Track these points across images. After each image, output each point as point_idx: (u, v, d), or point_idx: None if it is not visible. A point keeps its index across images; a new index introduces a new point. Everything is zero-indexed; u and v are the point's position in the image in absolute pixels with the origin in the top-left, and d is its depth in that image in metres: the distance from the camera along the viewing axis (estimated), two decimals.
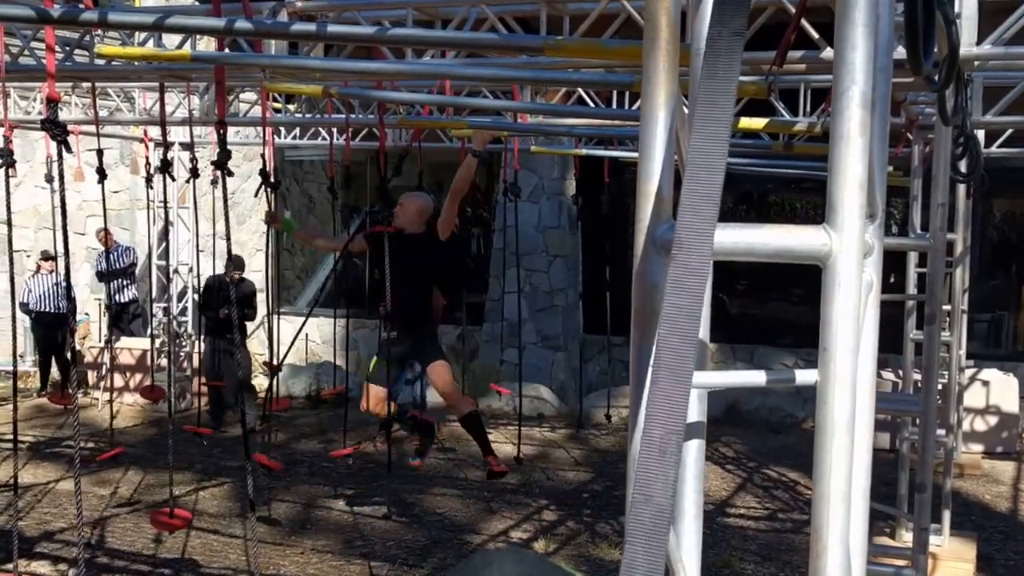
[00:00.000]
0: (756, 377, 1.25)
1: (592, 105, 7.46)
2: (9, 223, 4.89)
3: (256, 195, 6.00)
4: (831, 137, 1.17)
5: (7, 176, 4.30)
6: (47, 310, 10.92)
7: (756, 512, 7.35)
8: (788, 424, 10.34)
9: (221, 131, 3.39)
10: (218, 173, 3.79)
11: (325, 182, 13.77)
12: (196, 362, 10.56)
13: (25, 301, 10.94)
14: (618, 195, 11.28)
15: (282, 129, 9.80)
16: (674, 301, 1.02)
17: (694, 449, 1.34)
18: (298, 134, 10.07)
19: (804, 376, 1.25)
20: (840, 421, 1.16)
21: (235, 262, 9.78)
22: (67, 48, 4.46)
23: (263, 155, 6.31)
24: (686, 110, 1.36)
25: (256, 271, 12.00)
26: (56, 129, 3.23)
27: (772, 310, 11.59)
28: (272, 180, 7.43)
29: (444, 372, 6.09)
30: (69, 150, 3.38)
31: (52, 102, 3.19)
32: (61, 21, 2.67)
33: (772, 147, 5.34)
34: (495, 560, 0.63)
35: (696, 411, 1.36)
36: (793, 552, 6.37)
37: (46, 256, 10.76)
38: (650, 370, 1.18)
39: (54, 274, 10.81)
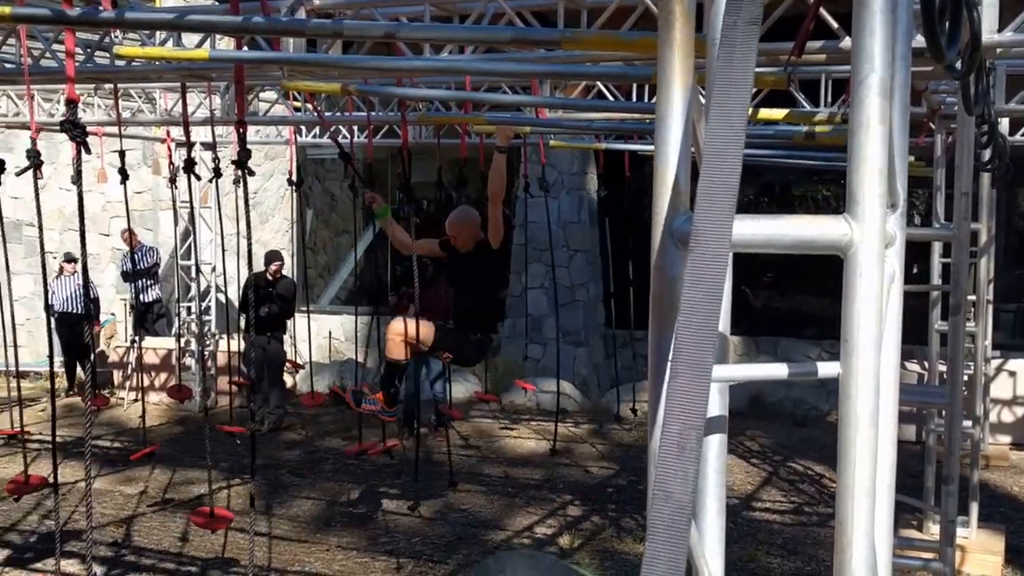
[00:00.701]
0: (777, 370, 1.23)
1: (612, 99, 7.43)
2: (40, 226, 4.94)
3: (283, 196, 6.02)
4: (850, 126, 1.16)
5: (36, 178, 4.34)
6: (71, 311, 11.05)
7: (782, 506, 7.30)
8: (813, 417, 10.27)
9: (241, 130, 3.40)
10: (239, 173, 3.80)
11: (347, 180, 13.83)
12: (221, 361, 10.62)
13: (50, 303, 11.06)
14: (639, 189, 11.24)
15: (303, 128, 9.84)
16: (692, 294, 1.01)
17: (716, 444, 1.33)
18: (318, 132, 10.10)
19: (826, 369, 1.23)
20: (863, 414, 1.15)
21: (272, 255, 9.86)
22: (88, 50, 4.49)
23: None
24: (703, 101, 1.35)
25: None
26: (75, 130, 3.25)
27: (795, 302, 11.51)
28: (298, 178, 7.50)
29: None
30: (88, 151, 3.40)
31: (72, 104, 3.21)
32: (79, 22, 2.69)
33: (793, 138, 5.29)
34: (509, 564, 0.61)
35: (717, 405, 1.35)
36: (819, 546, 6.33)
37: (69, 258, 10.88)
38: (669, 364, 1.17)
39: (76, 275, 10.93)
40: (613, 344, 10.59)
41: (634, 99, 7.76)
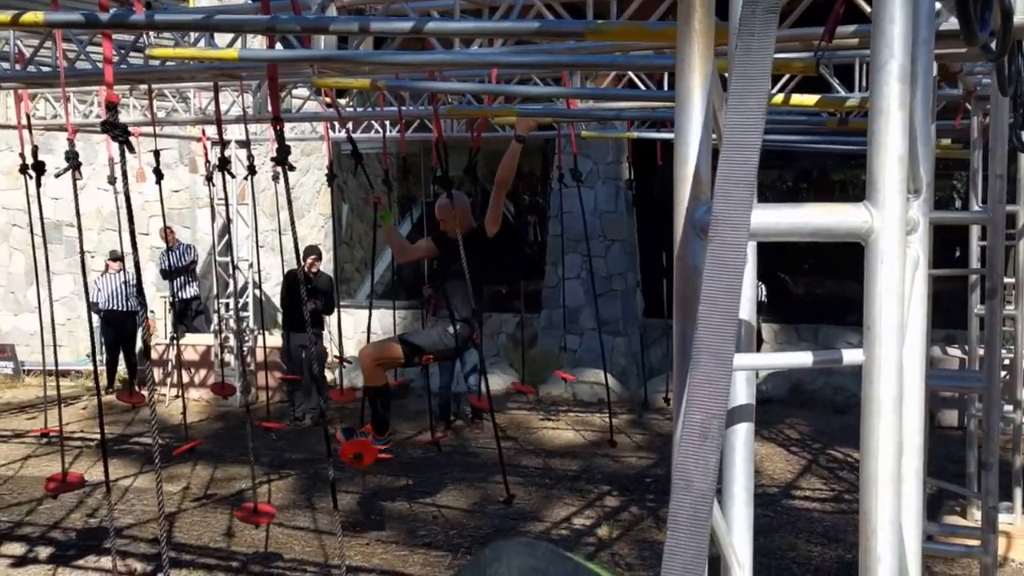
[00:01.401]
0: (801, 358, 1.23)
1: (643, 88, 7.39)
2: (79, 226, 5.04)
3: (318, 191, 6.09)
4: (869, 112, 1.15)
5: (75, 179, 4.42)
6: (115, 308, 11.23)
7: (822, 494, 7.25)
8: (853, 404, 10.16)
9: (278, 127, 3.45)
10: (278, 169, 3.84)
11: (380, 174, 13.90)
12: (260, 357, 10.75)
13: (95, 300, 11.27)
14: (671, 177, 11.17)
15: (335, 123, 9.90)
16: (713, 284, 1.01)
17: (743, 432, 1.33)
18: (351, 128, 10.15)
19: (851, 356, 1.23)
20: (886, 400, 1.15)
21: (309, 249, 9.94)
22: (122, 51, 4.57)
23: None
24: (724, 89, 1.34)
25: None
26: (117, 131, 3.32)
27: (835, 288, 11.38)
28: (332, 173, 7.57)
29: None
30: (132, 151, 3.47)
31: (112, 106, 3.27)
32: (110, 25, 2.74)
33: (826, 123, 5.23)
34: (504, 554, 0.63)
35: (744, 394, 1.34)
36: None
37: (114, 256, 11.06)
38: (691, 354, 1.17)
39: (122, 273, 11.11)
40: (646, 334, 10.58)
41: (665, 87, 7.70)
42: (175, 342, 9.19)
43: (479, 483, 7.61)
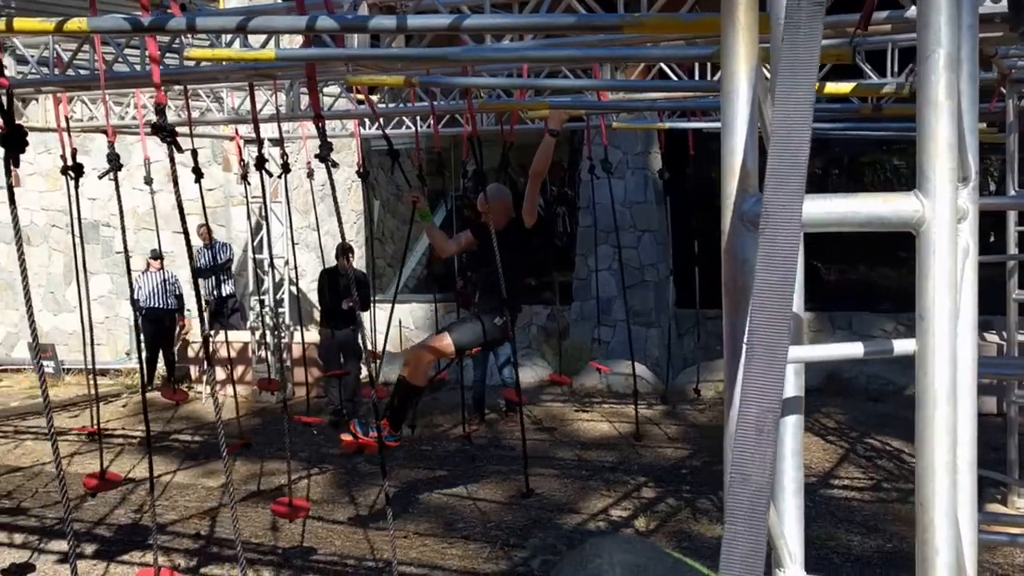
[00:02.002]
0: (853, 349, 1.23)
1: (674, 78, 7.36)
2: (123, 226, 5.12)
3: (349, 188, 6.15)
4: (918, 102, 1.15)
5: (116, 180, 4.50)
6: (156, 306, 11.39)
7: (860, 483, 7.20)
8: (889, 392, 10.08)
9: (319, 124, 3.48)
10: (312, 166, 3.89)
11: (412, 170, 13.97)
12: (296, 353, 10.84)
13: (136, 298, 11.45)
14: (704, 166, 11.11)
15: (367, 120, 9.95)
16: (765, 277, 1.01)
17: (792, 425, 1.33)
18: (382, 124, 10.21)
19: (902, 346, 1.23)
20: (941, 391, 1.15)
21: (343, 247, 9.97)
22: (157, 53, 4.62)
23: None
24: (768, 80, 1.34)
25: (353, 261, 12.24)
26: (165, 132, 3.38)
27: (868, 275, 11.28)
28: (366, 170, 7.62)
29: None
30: (180, 150, 3.53)
31: (160, 107, 3.34)
32: (151, 29, 2.78)
33: (859, 110, 5.17)
34: (605, 549, 0.63)
35: (793, 386, 1.35)
36: (900, 522, 6.23)
37: (155, 255, 11.19)
38: (744, 347, 1.18)
39: (162, 271, 11.27)
40: (679, 324, 10.52)
41: (696, 77, 7.66)
42: (212, 340, 9.29)
43: (515, 476, 7.63)
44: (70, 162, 5.73)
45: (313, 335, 10.75)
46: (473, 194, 7.27)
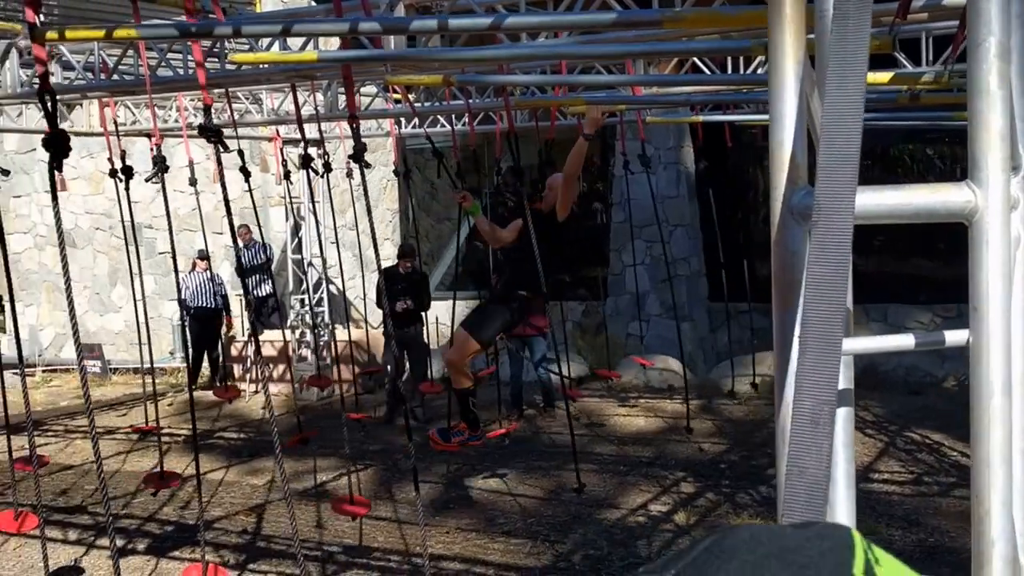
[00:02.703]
0: (905, 340, 1.23)
1: (708, 72, 7.33)
2: (170, 228, 5.22)
3: (385, 187, 6.21)
4: (968, 92, 1.15)
5: (163, 182, 4.58)
6: (202, 305, 11.56)
7: (900, 477, 7.13)
8: (928, 384, 9.96)
9: (354, 125, 3.54)
10: (352, 165, 3.94)
11: (439, 177, 14.01)
12: (336, 351, 10.93)
13: (183, 298, 11.66)
14: (740, 160, 11.04)
15: (402, 119, 10.02)
16: (818, 269, 1.02)
17: (843, 417, 1.33)
18: (417, 123, 10.27)
19: (954, 337, 1.22)
20: (996, 381, 1.15)
21: (404, 249, 10.01)
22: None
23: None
24: (814, 74, 1.35)
25: (387, 259, 12.31)
26: (211, 133, 3.45)
27: (903, 266, 11.15)
28: (406, 168, 7.70)
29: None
30: (228, 150, 3.60)
31: (207, 108, 3.41)
32: (199, 35, 2.83)
33: (897, 99, 5.11)
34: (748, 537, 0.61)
35: (843, 378, 1.35)
36: (942, 517, 6.16)
37: (202, 255, 11.36)
38: (796, 340, 1.19)
39: (208, 272, 11.42)
40: (713, 318, 10.44)
41: (729, 70, 7.62)
42: (252, 339, 9.39)
43: (554, 471, 7.66)
44: (119, 165, 5.85)
45: (355, 333, 10.83)
46: (509, 189, 7.29)
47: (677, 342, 11.36)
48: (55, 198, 3.36)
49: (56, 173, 3.25)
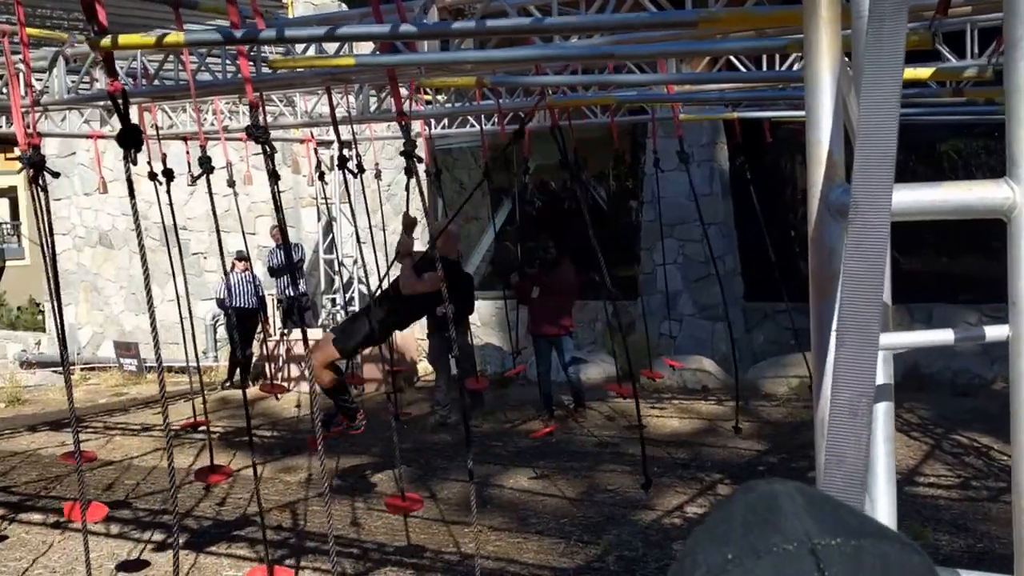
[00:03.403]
0: (943, 335, 1.24)
1: (742, 69, 7.31)
2: (217, 229, 5.32)
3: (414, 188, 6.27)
4: (1006, 88, 1.16)
5: (209, 183, 4.66)
6: (240, 305, 11.74)
7: (947, 481, 7.01)
8: (976, 386, 9.79)
9: (404, 123, 3.59)
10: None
11: (474, 168, 14.08)
12: (366, 350, 11.01)
13: (222, 297, 11.87)
14: (776, 156, 10.96)
15: (432, 120, 10.08)
16: (855, 265, 1.04)
17: (883, 412, 1.35)
18: (447, 124, 10.34)
19: (994, 332, 1.23)
20: None
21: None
22: (237, 61, 4.77)
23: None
24: (850, 72, 1.36)
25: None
26: (259, 133, 3.53)
27: (949, 265, 10.99)
28: (437, 169, 7.78)
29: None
30: (275, 150, 3.67)
31: (254, 109, 3.48)
32: (244, 41, 2.88)
33: (941, 94, 5.05)
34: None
35: (883, 374, 1.36)
36: (991, 522, 6.04)
37: (241, 256, 11.51)
38: (833, 333, 1.20)
39: (247, 272, 11.57)
40: (748, 318, 10.38)
41: (764, 67, 7.59)
42: (285, 338, 9.51)
43: (586, 472, 7.66)
44: (160, 168, 5.98)
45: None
46: (539, 193, 7.30)
47: (710, 342, 11.34)
48: (131, 193, 3.45)
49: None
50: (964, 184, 1.18)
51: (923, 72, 4.70)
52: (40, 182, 4.55)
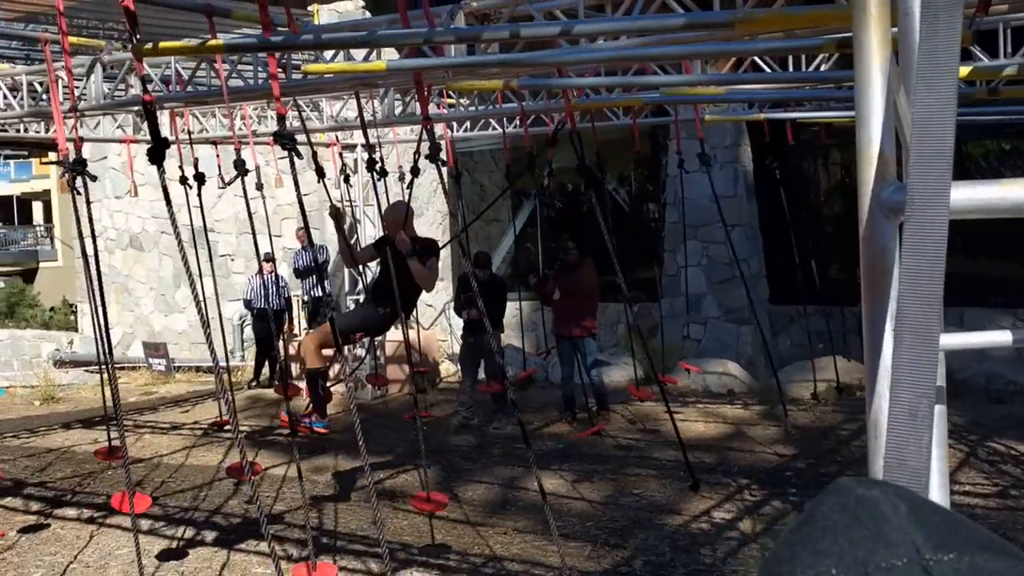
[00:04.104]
0: (1001, 336, 1.22)
1: (768, 70, 7.27)
2: (253, 229, 5.36)
3: (435, 190, 6.32)
4: None
5: (244, 184, 4.70)
6: (265, 306, 11.84)
7: (984, 489, 6.90)
8: (1010, 392, 9.64)
9: (429, 127, 3.61)
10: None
11: (495, 171, 14.11)
12: (390, 351, 11.05)
13: (248, 299, 11.98)
14: (799, 158, 10.88)
15: (454, 123, 10.11)
16: (913, 263, 1.02)
17: (936, 414, 1.33)
18: (468, 127, 10.36)
19: None
20: None
21: (478, 259, 10.01)
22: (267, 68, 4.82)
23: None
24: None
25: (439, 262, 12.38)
26: (286, 140, 3.56)
27: (978, 268, 10.85)
28: (459, 171, 7.81)
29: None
30: (300, 156, 3.71)
31: (281, 118, 3.51)
32: (282, 47, 2.90)
33: (974, 94, 4.99)
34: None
35: (936, 375, 1.34)
36: None
37: (268, 257, 11.61)
38: (887, 333, 1.19)
39: (273, 274, 11.67)
40: (774, 321, 10.28)
41: (790, 68, 7.56)
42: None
43: (611, 475, 7.63)
44: (190, 172, 6.07)
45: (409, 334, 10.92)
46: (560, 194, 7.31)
47: (735, 345, 11.27)
48: (168, 199, 3.50)
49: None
50: (1021, 182, 1.17)
51: (960, 71, 4.64)
52: (79, 186, 4.62)
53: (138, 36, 3.00)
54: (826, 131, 9.77)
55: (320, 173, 5.81)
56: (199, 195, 6.53)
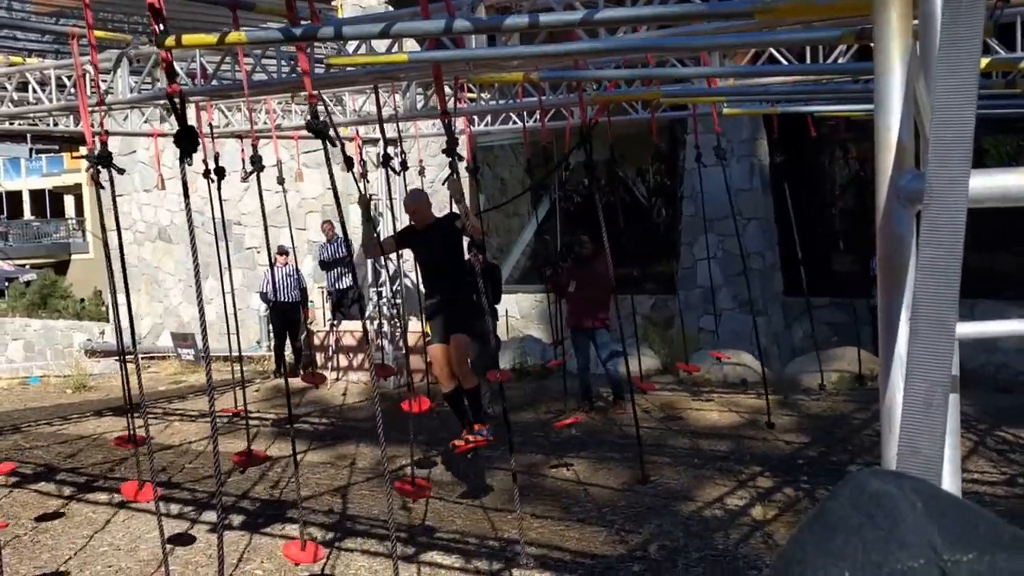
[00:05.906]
0: (1017, 326, 1.24)
1: (785, 63, 7.26)
2: (265, 225, 5.43)
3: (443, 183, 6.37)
4: None
5: (259, 180, 4.76)
6: (284, 299, 11.95)
7: (992, 477, 6.93)
8: (1018, 383, 9.67)
9: (447, 121, 3.65)
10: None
11: (515, 165, 14.14)
12: (412, 341, 11.12)
13: (265, 291, 12.11)
14: (816, 152, 10.87)
15: (475, 117, 10.14)
16: (931, 251, 1.03)
17: (950, 403, 1.36)
18: (489, 121, 10.39)
19: None
20: None
21: (470, 245, 10.05)
22: (292, 61, 4.86)
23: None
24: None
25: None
26: (318, 130, 3.62)
27: (989, 260, 10.83)
28: (476, 165, 7.84)
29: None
30: (335, 145, 3.77)
31: (313, 109, 3.57)
32: (304, 38, 2.94)
33: (992, 86, 4.98)
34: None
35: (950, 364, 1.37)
36: None
37: (282, 250, 11.70)
38: (903, 322, 1.21)
39: (288, 266, 11.77)
40: (787, 312, 10.27)
41: (807, 60, 7.54)
42: (334, 329, 9.62)
43: (629, 463, 7.67)
44: (213, 166, 6.13)
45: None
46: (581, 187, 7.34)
47: (750, 336, 11.27)
48: (186, 192, 3.55)
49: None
50: None
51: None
52: (106, 178, 4.69)
53: (162, 28, 3.05)
54: (844, 124, 9.76)
55: (349, 164, 5.86)
56: (219, 189, 6.60)
